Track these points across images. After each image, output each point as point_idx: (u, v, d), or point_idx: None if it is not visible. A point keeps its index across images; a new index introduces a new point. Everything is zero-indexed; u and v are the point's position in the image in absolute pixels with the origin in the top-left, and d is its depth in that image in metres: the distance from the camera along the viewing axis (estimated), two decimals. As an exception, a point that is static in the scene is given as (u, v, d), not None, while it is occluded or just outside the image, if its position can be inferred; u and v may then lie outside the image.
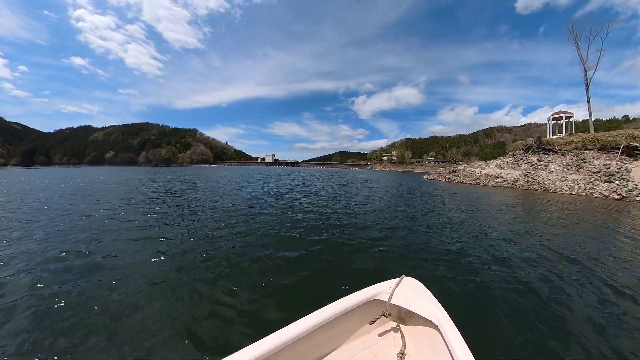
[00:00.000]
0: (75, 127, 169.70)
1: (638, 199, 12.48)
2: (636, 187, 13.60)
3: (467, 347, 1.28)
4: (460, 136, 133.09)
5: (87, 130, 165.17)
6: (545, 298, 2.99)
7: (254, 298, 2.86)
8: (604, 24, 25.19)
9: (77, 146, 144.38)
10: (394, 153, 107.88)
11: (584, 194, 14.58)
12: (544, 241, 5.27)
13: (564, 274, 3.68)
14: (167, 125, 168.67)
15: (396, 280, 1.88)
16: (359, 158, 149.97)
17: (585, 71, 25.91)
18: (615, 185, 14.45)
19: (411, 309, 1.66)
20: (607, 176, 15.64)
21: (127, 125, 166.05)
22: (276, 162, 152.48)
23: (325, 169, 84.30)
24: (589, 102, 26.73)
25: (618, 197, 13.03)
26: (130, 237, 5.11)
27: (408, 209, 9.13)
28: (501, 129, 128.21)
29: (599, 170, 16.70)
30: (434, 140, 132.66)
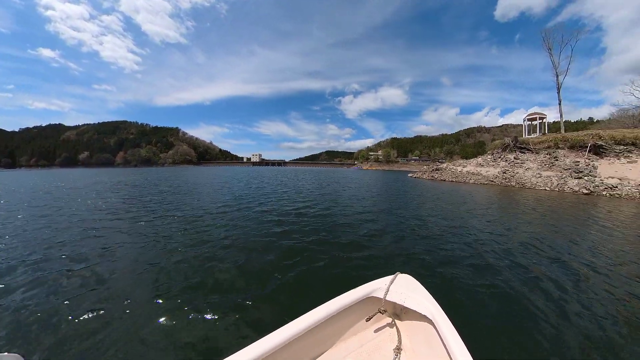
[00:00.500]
0: (44, 125, 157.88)
1: (604, 193, 13.41)
2: (602, 183, 14.56)
3: (460, 339, 1.31)
4: (443, 136, 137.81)
5: (58, 129, 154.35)
6: (529, 289, 3.13)
7: (226, 315, 2.58)
8: (573, 33, 27.26)
9: (47, 146, 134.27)
10: (380, 152, 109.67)
11: (557, 189, 15.39)
12: (521, 234, 5.60)
13: (540, 262, 4.00)
14: (146, 124, 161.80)
15: (391, 277, 1.92)
16: (346, 157, 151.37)
17: (557, 76, 27.76)
18: (584, 181, 15.40)
19: (406, 304, 1.70)
20: (577, 172, 16.66)
21: (103, 123, 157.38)
22: (263, 162, 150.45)
23: (312, 169, 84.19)
24: (560, 104, 28.60)
25: (587, 192, 13.88)
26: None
27: (394, 208, 9.13)
28: (481, 129, 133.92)
29: (569, 167, 17.76)
30: (419, 140, 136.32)
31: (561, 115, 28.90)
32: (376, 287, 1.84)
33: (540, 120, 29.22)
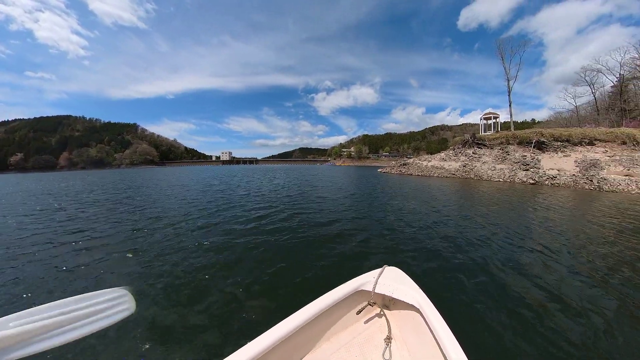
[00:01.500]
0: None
1: (547, 182, 14.89)
2: (545, 174, 16.19)
3: (446, 326, 1.38)
4: (411, 133, 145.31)
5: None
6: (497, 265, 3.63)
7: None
8: (521, 44, 30.95)
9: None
10: (352, 149, 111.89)
11: (509, 180, 16.81)
12: (480, 219, 6.26)
13: (492, 238, 4.83)
14: (97, 119, 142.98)
15: (379, 270, 1.96)
16: (320, 154, 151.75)
17: (508, 80, 31.26)
18: (530, 172, 16.99)
19: (394, 296, 1.75)
20: (525, 165, 18.36)
21: (41, 118, 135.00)
22: (233, 160, 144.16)
23: (285, 166, 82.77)
24: (510, 106, 32.00)
25: (533, 182, 15.32)
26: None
27: (364, 204, 8.98)
28: (444, 127, 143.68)
29: (518, 161, 19.52)
30: (389, 137, 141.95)
31: (511, 116, 32.17)
32: (365, 280, 1.88)
33: (494, 120, 32.32)
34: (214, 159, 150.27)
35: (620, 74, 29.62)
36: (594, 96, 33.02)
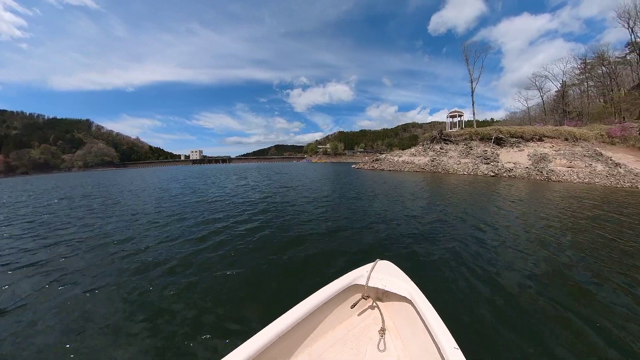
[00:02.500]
0: None
1: (505, 174, 16.06)
2: (503, 167, 17.50)
3: (437, 315, 1.45)
4: (385, 130, 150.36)
5: None
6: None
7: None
8: (484, 49, 33.69)
9: None
10: (328, 145, 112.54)
11: (472, 173, 17.94)
12: (448, 208, 6.71)
13: (457, 225, 5.36)
14: (39, 115, 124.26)
15: (371, 264, 2.00)
16: (296, 151, 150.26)
17: (471, 82, 33.94)
18: (491, 166, 18.26)
19: (387, 288, 1.81)
20: (486, 159, 19.67)
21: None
22: (205, 160, 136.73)
23: (260, 164, 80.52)
24: (473, 105, 34.74)
25: (493, 174, 16.46)
26: None
27: (339, 202, 8.76)
28: (415, 125, 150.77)
29: (480, 155, 20.86)
30: (363, 134, 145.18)
31: (474, 114, 34.86)
32: (358, 274, 1.91)
33: (459, 118, 34.57)
34: (182, 158, 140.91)
35: (562, 81, 34.11)
36: (542, 99, 37.52)
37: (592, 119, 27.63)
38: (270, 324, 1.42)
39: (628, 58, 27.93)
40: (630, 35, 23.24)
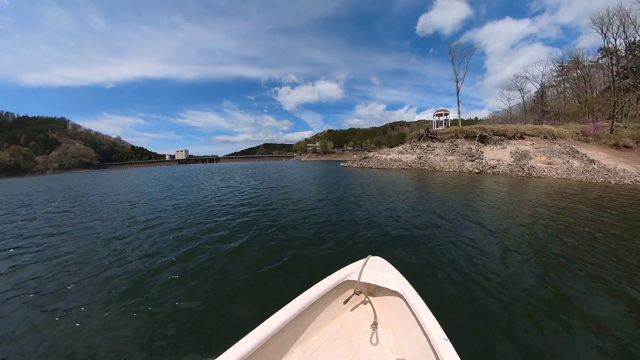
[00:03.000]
0: None
1: (489, 171, 16.46)
2: (487, 164, 17.94)
3: (427, 308, 1.50)
4: (373, 128, 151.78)
5: None
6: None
7: None
8: (469, 50, 34.59)
9: None
10: (317, 144, 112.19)
11: (458, 170, 18.29)
12: (436, 203, 6.82)
13: (447, 216, 5.58)
14: (8, 113, 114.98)
15: (363, 260, 2.03)
16: (285, 149, 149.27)
17: (457, 82, 34.61)
18: (475, 163, 18.68)
19: (379, 283, 1.86)
20: (471, 157, 20.12)
21: None
22: (191, 159, 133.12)
23: (247, 163, 79.21)
24: (458, 104, 35.72)
25: (478, 171, 16.84)
26: None
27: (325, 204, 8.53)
28: (403, 123, 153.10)
29: (465, 153, 21.32)
30: (352, 132, 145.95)
31: (459, 113, 35.69)
32: (350, 270, 1.94)
33: (445, 116, 35.44)
34: (167, 158, 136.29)
35: (541, 82, 35.74)
36: (523, 99, 39.25)
37: (568, 119, 29.00)
38: (264, 322, 1.41)
39: (600, 62, 29.53)
40: (603, 41, 24.51)
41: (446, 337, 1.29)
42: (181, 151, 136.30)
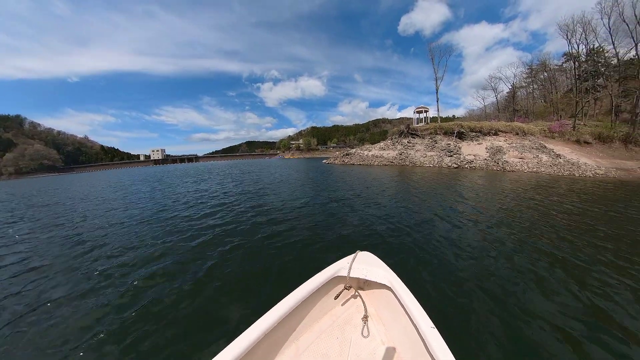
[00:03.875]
0: None
1: (466, 166, 17.01)
2: (465, 159, 18.56)
3: (416, 300, 1.55)
4: (356, 125, 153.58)
5: None
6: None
7: None
8: (448, 50, 35.98)
9: None
10: (301, 141, 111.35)
11: (437, 165, 18.75)
12: (414, 199, 6.80)
13: (429, 208, 5.82)
14: None
15: (352, 255, 2.07)
16: (268, 147, 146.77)
17: (436, 80, 36.16)
18: (454, 158, 19.26)
19: (368, 278, 1.92)
20: (449, 152, 20.72)
21: None
22: (168, 159, 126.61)
23: (229, 162, 76.83)
24: (437, 102, 37.30)
25: (456, 166, 17.33)
26: None
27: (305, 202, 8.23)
28: (385, 121, 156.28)
29: (444, 148, 21.94)
30: (336, 129, 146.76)
31: (438, 110, 37.21)
32: (340, 266, 1.98)
33: (425, 113, 36.39)
34: (142, 158, 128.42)
35: (513, 83, 38.11)
36: (496, 98, 41.71)
37: (536, 117, 30.94)
38: (256, 322, 1.42)
39: (564, 66, 31.86)
40: (568, 46, 26.26)
41: (433, 326, 1.34)
42: (157, 150, 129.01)
